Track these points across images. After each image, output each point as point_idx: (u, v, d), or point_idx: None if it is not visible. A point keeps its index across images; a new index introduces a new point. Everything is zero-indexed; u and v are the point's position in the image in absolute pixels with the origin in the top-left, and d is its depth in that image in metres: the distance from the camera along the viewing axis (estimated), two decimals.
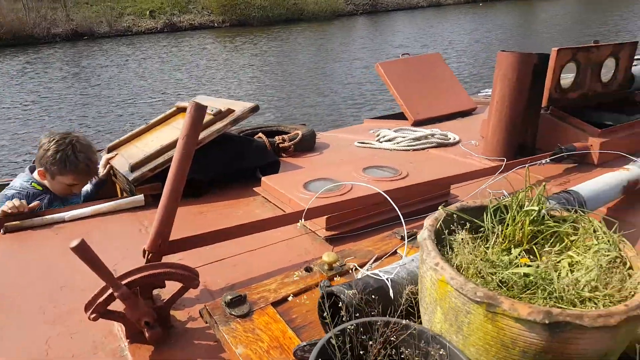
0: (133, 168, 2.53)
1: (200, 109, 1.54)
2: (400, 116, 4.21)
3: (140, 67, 17.15)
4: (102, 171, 2.88)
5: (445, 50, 16.28)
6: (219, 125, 2.42)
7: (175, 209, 1.55)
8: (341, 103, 11.54)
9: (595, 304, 1.13)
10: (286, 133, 3.29)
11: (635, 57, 6.27)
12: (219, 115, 2.45)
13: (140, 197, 2.42)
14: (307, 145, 3.24)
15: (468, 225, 1.37)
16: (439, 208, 1.40)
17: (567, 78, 3.30)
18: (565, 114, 3.06)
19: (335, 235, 2.03)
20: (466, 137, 3.44)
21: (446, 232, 1.32)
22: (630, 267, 1.23)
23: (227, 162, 2.54)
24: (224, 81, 14.19)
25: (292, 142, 3.05)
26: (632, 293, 1.12)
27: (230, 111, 2.47)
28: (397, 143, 3.34)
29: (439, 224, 1.34)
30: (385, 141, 3.42)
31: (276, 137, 3.06)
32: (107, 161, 2.90)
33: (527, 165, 2.74)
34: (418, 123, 3.96)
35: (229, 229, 1.79)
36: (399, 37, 20.07)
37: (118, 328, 1.45)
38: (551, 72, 2.98)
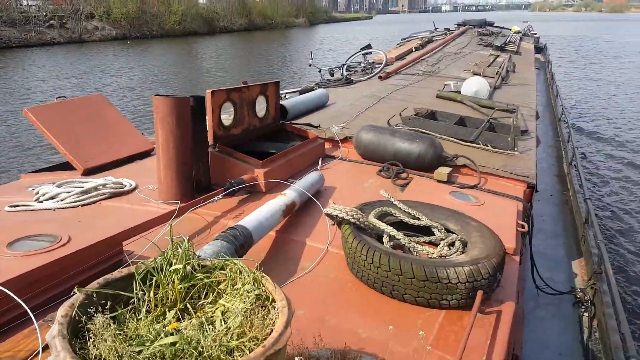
0: None
1: None
2: (69, 166, 3.70)
3: None
4: None
5: (103, 91, 15.25)
6: None
7: None
8: None
9: (242, 350, 1.15)
10: None
11: (289, 91, 7.57)
12: None
13: None
14: None
15: (109, 304, 1.22)
16: (74, 290, 1.20)
17: (230, 114, 3.59)
18: (230, 149, 3.31)
19: None
20: (144, 182, 3.28)
21: (84, 318, 1.14)
22: (274, 300, 1.34)
23: None
24: None
25: None
26: (272, 329, 1.20)
27: None
28: (62, 200, 2.89)
29: (74, 311, 1.14)
30: (47, 199, 2.92)
31: None
32: None
33: (200, 205, 2.82)
34: (89, 171, 3.56)
35: None
36: (41, 78, 17.38)
37: None
38: (210, 112, 3.16)
